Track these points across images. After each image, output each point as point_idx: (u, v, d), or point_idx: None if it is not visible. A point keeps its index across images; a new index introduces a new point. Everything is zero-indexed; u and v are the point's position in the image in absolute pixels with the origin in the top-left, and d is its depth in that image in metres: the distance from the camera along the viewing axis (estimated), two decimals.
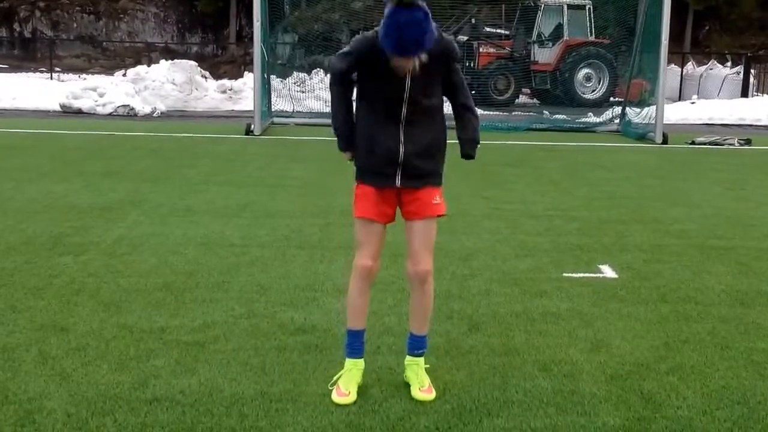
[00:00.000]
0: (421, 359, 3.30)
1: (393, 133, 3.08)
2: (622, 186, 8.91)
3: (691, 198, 8.22)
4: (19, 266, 5.05)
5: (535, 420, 3.04)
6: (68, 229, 6.08)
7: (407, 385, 3.30)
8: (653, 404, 3.21)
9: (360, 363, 3.28)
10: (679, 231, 6.51)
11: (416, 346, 3.30)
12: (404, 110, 3.07)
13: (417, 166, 3.12)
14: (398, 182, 3.13)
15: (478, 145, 3.27)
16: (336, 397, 3.12)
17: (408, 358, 3.31)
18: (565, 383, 3.39)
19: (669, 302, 4.58)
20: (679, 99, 23.94)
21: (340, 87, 3.19)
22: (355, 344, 3.28)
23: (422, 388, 3.18)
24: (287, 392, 3.23)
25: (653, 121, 14.43)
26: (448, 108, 3.28)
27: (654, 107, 14.61)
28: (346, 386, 3.17)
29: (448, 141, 3.25)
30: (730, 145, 13.93)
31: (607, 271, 5.21)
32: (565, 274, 5.11)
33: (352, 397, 3.13)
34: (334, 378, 3.24)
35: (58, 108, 18.09)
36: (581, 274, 5.12)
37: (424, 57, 2.91)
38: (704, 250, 5.89)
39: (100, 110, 17.69)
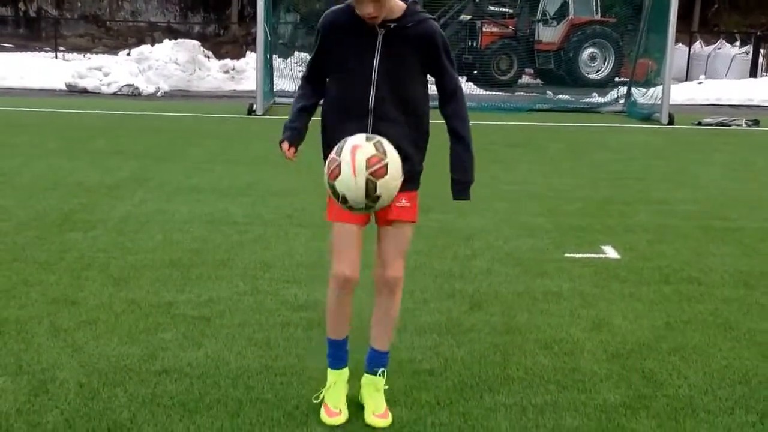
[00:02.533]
0: (381, 380, 2.88)
1: (360, 127, 2.69)
2: (627, 167, 8.91)
3: (697, 179, 8.22)
4: (30, 241, 5.12)
5: (536, 396, 3.08)
6: (77, 206, 6.14)
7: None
8: (654, 383, 3.25)
9: (344, 373, 2.90)
10: (683, 212, 6.53)
11: (376, 362, 2.90)
12: (372, 98, 2.70)
13: None
14: None
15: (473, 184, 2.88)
16: (326, 418, 2.79)
17: (365, 376, 2.91)
18: (566, 361, 3.44)
19: (671, 283, 4.61)
20: (687, 79, 23.70)
21: (306, 88, 2.87)
22: (338, 354, 2.89)
23: (377, 413, 2.81)
24: (291, 366, 3.29)
25: (659, 102, 14.36)
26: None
27: (660, 87, 14.53)
28: (335, 404, 2.83)
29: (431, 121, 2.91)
30: (738, 126, 13.86)
31: (610, 252, 5.24)
32: (567, 255, 5.13)
33: (344, 416, 2.81)
34: (320, 393, 2.90)
35: (63, 87, 18.13)
36: (583, 255, 5.15)
37: None
38: (709, 231, 5.90)
39: (104, 89, 17.75)
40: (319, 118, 2.90)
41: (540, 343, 3.63)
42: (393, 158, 2.55)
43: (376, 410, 2.83)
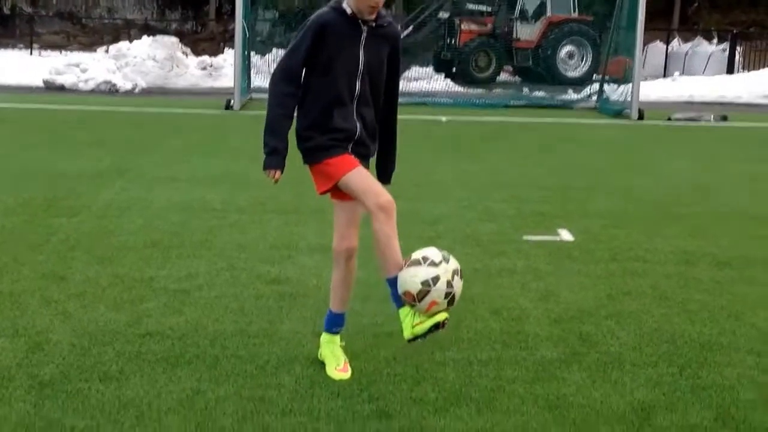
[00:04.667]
0: (338, 337, 3.28)
1: (348, 111, 3.07)
2: (593, 159, 9.29)
3: (660, 170, 8.57)
4: (18, 225, 5.41)
5: (482, 353, 3.46)
6: (61, 194, 6.42)
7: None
8: (589, 342, 3.63)
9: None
10: (640, 198, 6.89)
11: (336, 323, 3.26)
12: (358, 86, 3.08)
13: (367, 146, 3.15)
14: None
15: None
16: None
17: (325, 335, 3.26)
18: (512, 325, 3.81)
19: (619, 261, 4.98)
20: (664, 76, 23.83)
21: (289, 88, 3.08)
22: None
23: (338, 367, 3.19)
24: (263, 330, 3.64)
25: (630, 98, 14.74)
26: None
27: (631, 84, 14.87)
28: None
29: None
30: (707, 121, 14.17)
31: (565, 235, 5.60)
32: (525, 237, 5.49)
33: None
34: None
35: (41, 84, 18.22)
36: (540, 237, 5.51)
37: None
38: (662, 215, 6.26)
39: (82, 86, 17.84)
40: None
41: (490, 310, 4.00)
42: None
43: (338, 365, 3.21)
